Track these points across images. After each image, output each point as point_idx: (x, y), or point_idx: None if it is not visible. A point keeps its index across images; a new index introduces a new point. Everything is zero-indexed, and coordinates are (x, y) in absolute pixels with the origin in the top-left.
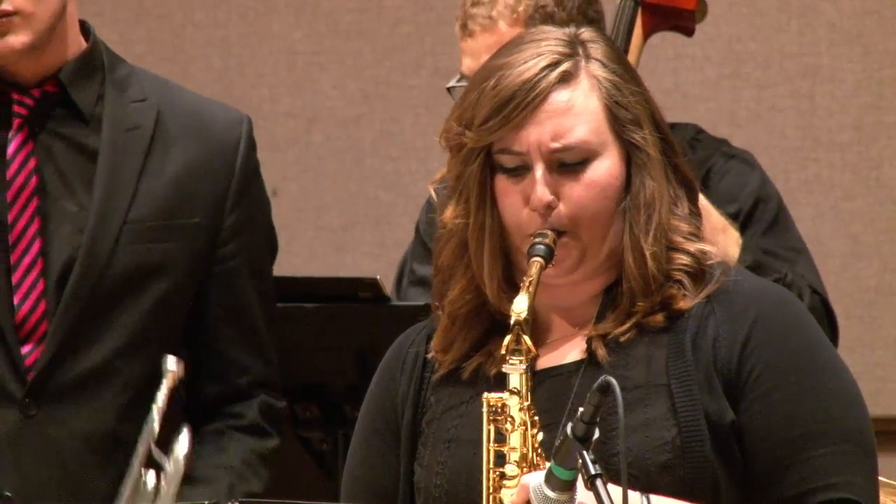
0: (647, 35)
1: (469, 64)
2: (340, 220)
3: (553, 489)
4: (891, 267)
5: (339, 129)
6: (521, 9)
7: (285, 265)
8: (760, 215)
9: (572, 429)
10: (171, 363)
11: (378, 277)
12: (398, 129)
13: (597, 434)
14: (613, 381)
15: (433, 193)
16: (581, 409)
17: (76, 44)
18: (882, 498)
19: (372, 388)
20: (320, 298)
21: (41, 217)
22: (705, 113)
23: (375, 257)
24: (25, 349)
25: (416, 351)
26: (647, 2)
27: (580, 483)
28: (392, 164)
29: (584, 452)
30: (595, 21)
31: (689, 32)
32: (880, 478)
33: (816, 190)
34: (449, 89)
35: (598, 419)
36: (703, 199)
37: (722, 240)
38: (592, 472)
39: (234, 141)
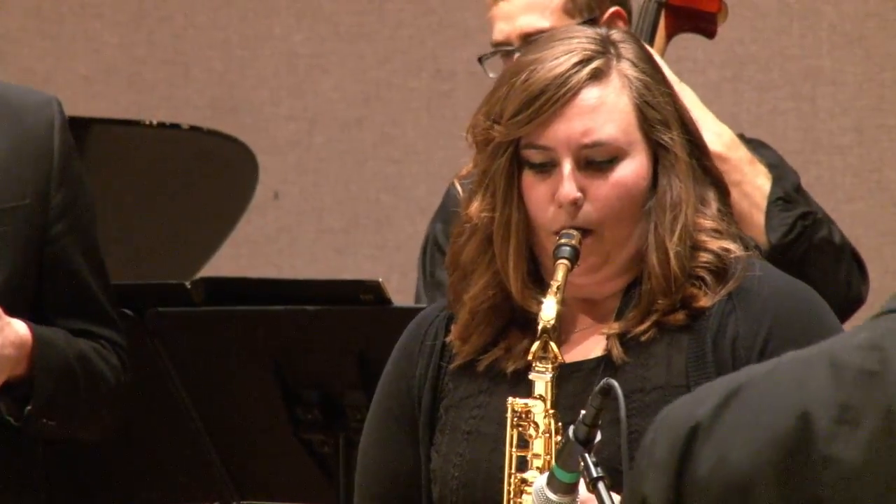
0: (669, 36)
1: (503, 28)
2: (342, 223)
3: (555, 492)
4: (892, 270)
5: (340, 132)
6: None
7: (286, 268)
8: (783, 183)
9: (574, 431)
10: None
11: (380, 280)
12: (399, 131)
13: (599, 436)
14: (615, 383)
15: (459, 188)
16: (583, 412)
17: None
18: None
19: (388, 370)
20: (322, 301)
21: None
22: None
23: (377, 260)
24: None
25: (434, 333)
26: (670, 3)
27: (582, 486)
28: (393, 167)
29: (586, 455)
30: None
31: (710, 34)
32: None
33: (817, 192)
34: (481, 60)
35: (599, 421)
36: (730, 133)
37: (750, 171)
38: (594, 474)
39: (47, 122)
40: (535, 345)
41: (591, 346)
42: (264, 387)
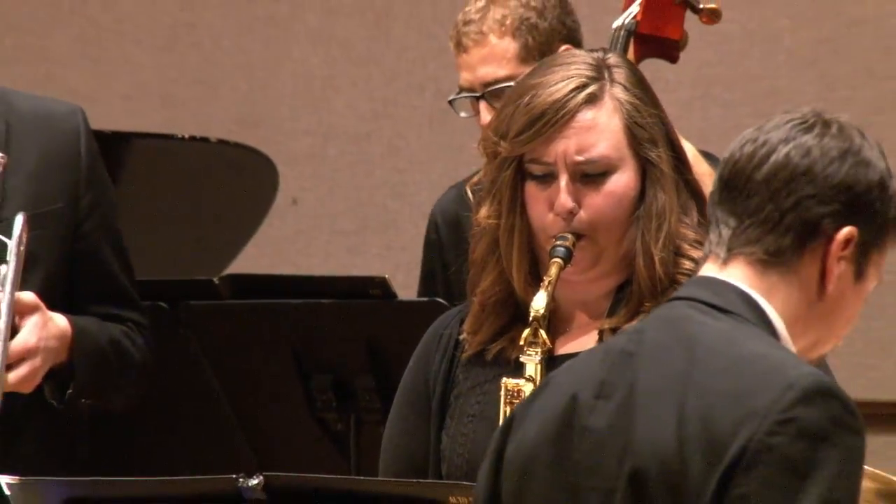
0: (638, 60)
1: (466, 77)
2: (353, 226)
3: None
4: None
5: (351, 145)
6: (507, 22)
7: (304, 266)
8: None
9: None
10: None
11: (387, 276)
12: (404, 144)
13: None
14: None
15: (469, 194)
16: None
17: None
18: None
19: (410, 366)
20: (335, 295)
21: None
22: (678, 130)
23: (384, 258)
24: None
25: (449, 332)
26: (639, 32)
27: None
28: (399, 176)
29: None
30: (573, 30)
31: (673, 60)
32: None
33: None
34: (450, 102)
35: None
36: (693, 150)
37: (711, 184)
38: None
39: (74, 129)
40: (526, 331)
41: (585, 339)
42: (284, 371)
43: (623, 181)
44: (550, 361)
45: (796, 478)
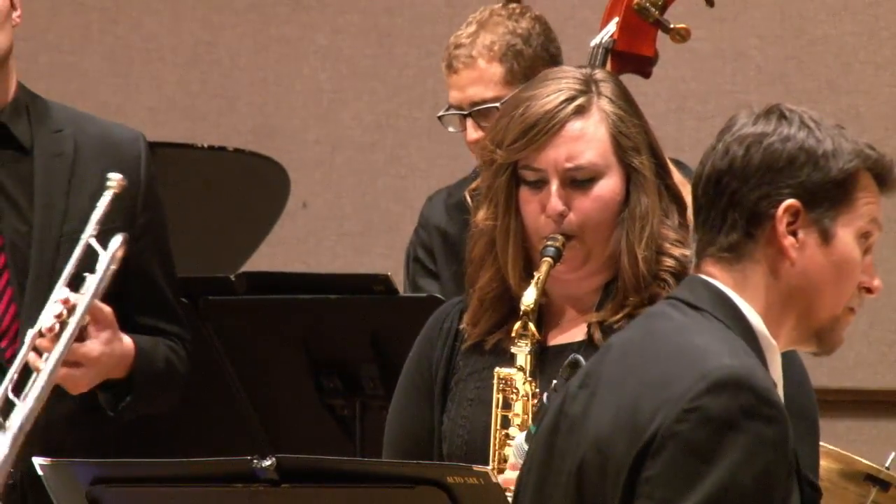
0: None
1: (455, 95)
2: (359, 228)
3: None
4: None
5: (357, 154)
6: (495, 48)
7: (314, 264)
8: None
9: (548, 397)
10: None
11: (389, 274)
12: (405, 153)
13: None
14: (580, 357)
15: (469, 199)
16: (555, 381)
17: (13, 88)
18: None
19: (413, 351)
20: (342, 291)
21: (1, 236)
22: None
23: (387, 258)
24: (3, 345)
25: (450, 323)
26: (615, 49)
27: None
28: (401, 182)
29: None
30: (555, 55)
31: (646, 76)
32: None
33: None
34: (440, 117)
35: None
36: (667, 159)
37: (685, 192)
38: None
39: (136, 156)
40: (517, 325)
41: (575, 332)
42: (295, 361)
43: (609, 186)
44: (542, 352)
45: (700, 462)
